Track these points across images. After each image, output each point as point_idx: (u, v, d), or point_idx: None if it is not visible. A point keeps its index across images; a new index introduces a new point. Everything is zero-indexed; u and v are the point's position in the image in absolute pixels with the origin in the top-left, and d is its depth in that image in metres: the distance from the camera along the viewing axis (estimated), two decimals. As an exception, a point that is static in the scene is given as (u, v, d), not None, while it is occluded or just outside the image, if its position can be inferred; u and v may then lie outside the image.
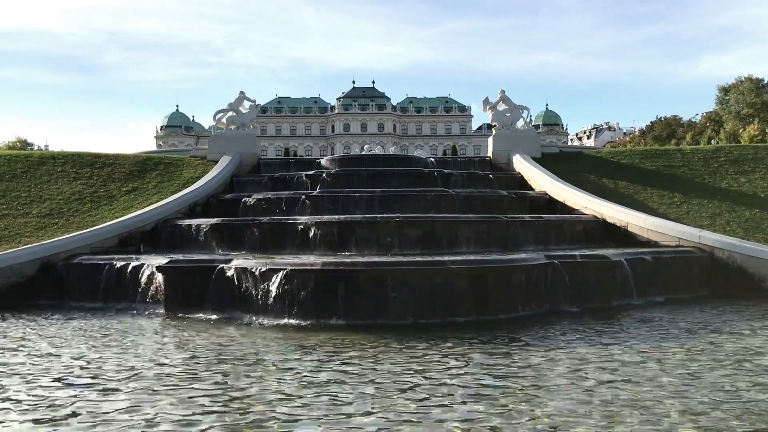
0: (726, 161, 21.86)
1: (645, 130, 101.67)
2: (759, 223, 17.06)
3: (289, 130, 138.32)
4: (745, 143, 53.47)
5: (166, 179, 21.37)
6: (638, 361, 8.04)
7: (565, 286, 12.50)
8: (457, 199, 17.84)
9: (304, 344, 9.30)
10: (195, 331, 10.52)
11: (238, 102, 24.92)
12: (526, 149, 23.70)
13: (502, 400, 6.47)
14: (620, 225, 16.97)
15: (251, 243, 15.49)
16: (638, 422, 5.76)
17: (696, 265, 14.69)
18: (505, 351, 8.74)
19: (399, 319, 10.97)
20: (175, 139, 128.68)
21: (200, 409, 6.25)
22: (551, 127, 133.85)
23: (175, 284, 12.49)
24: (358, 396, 6.64)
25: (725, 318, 11.42)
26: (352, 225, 15.05)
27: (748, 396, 6.56)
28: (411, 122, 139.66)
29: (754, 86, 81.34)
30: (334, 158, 24.68)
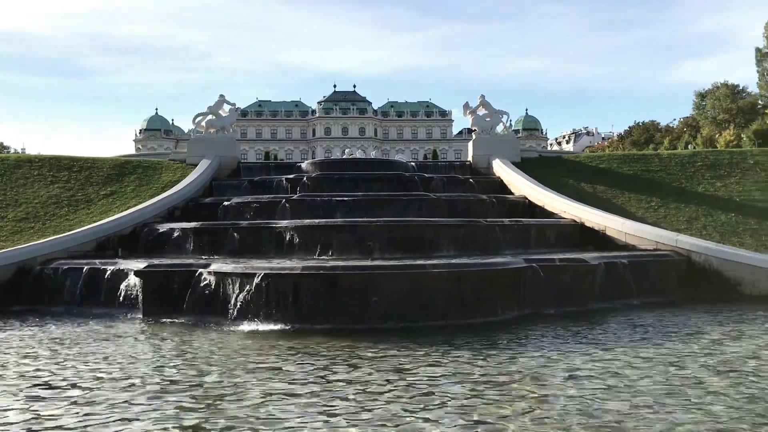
0: (702, 166, 22.15)
1: (623, 135, 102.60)
2: (734, 227, 17.29)
3: (269, 133, 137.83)
4: (721, 148, 54.15)
5: (144, 183, 21.20)
6: (617, 364, 8.11)
7: (544, 290, 12.57)
8: (437, 203, 17.89)
9: (281, 349, 9.24)
10: (172, 337, 10.44)
11: (218, 105, 24.81)
12: (506, 154, 23.82)
13: (481, 403, 6.48)
14: (598, 229, 17.11)
15: (230, 247, 15.40)
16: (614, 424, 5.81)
17: (673, 268, 14.84)
18: (484, 355, 8.75)
19: (380, 323, 10.96)
20: (155, 142, 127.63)
21: (173, 414, 6.19)
22: (531, 132, 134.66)
23: (153, 289, 12.38)
24: (336, 401, 6.61)
25: (701, 321, 11.55)
26: (333, 229, 15.03)
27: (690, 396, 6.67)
28: (392, 126, 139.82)
29: (729, 92, 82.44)
30: (314, 162, 24.66)
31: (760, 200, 19.20)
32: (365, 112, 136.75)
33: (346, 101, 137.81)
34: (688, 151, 31.43)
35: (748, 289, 14.55)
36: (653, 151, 46.05)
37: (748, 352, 8.88)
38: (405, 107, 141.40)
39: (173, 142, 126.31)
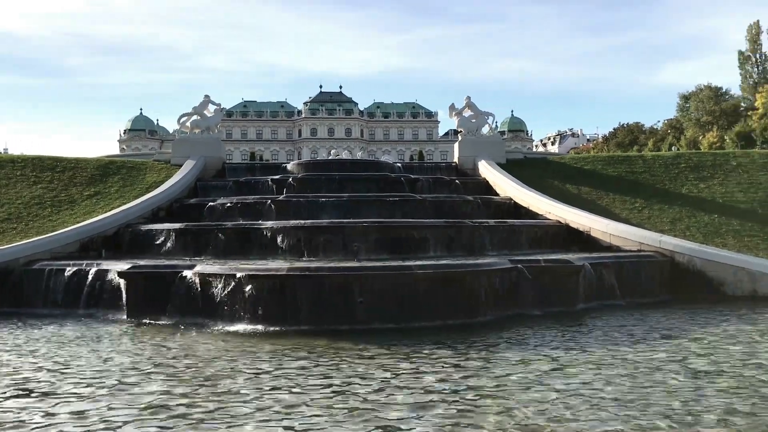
0: (686, 167, 22.31)
1: (608, 136, 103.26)
2: (717, 228, 17.44)
3: (255, 134, 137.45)
4: (705, 150, 54.63)
5: (128, 183, 21.04)
6: (601, 365, 8.15)
7: (529, 290, 12.61)
8: (423, 204, 17.90)
9: (265, 351, 9.20)
10: (154, 338, 10.35)
11: (203, 105, 24.67)
12: (492, 155, 23.88)
13: (465, 404, 6.49)
14: (583, 230, 17.20)
15: (215, 248, 15.31)
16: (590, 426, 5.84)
17: (657, 269, 14.94)
18: (469, 355, 8.78)
19: (366, 324, 10.95)
20: (139, 142, 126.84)
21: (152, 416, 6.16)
22: (516, 134, 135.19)
23: (137, 290, 12.29)
24: (315, 403, 6.59)
25: (680, 322, 11.63)
26: (319, 230, 14.99)
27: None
28: (378, 127, 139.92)
29: (713, 94, 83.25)
30: (300, 163, 24.59)
31: (743, 201, 19.39)
32: (351, 113, 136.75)
33: (332, 102, 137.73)
34: (672, 152, 31.69)
35: (731, 289, 14.68)
36: (637, 152, 46.38)
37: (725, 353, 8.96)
38: (391, 108, 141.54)
39: (158, 142, 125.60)
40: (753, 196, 19.66)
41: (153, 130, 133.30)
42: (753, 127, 68.86)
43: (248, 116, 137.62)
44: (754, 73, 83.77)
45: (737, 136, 67.67)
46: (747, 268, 14.71)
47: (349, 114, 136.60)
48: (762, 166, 21.91)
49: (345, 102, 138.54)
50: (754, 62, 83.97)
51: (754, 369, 7.93)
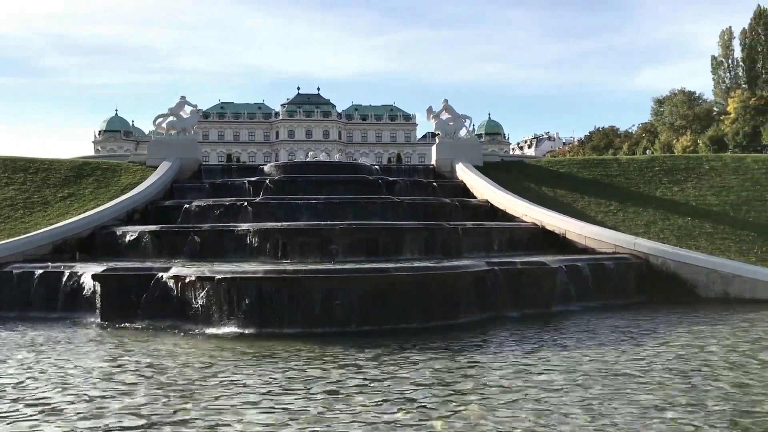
0: (660, 171, 22.58)
1: (584, 140, 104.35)
2: (691, 230, 17.66)
3: (232, 135, 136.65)
4: (678, 153, 55.41)
5: (103, 185, 20.80)
6: (574, 367, 8.22)
7: (506, 293, 12.68)
8: (401, 206, 17.92)
9: (240, 354, 9.13)
10: (130, 341, 10.25)
11: (179, 107, 24.46)
12: (469, 158, 23.98)
13: (438, 406, 6.50)
14: (559, 232, 17.33)
15: (191, 250, 15.18)
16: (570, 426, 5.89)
17: (632, 271, 15.10)
18: (445, 357, 8.79)
19: (343, 326, 10.93)
20: (114, 144, 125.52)
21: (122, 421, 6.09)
22: (493, 137, 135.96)
23: (112, 293, 12.14)
24: (289, 406, 6.56)
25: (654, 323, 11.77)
26: (296, 232, 14.94)
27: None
28: (356, 129, 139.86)
29: (686, 99, 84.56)
30: (277, 164, 24.47)
31: (715, 204, 19.67)
32: (329, 115, 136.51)
33: (310, 104, 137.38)
34: (646, 156, 32.08)
35: (703, 291, 14.89)
36: (612, 156, 46.89)
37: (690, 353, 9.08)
38: (369, 110, 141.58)
39: (133, 143, 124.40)
40: (725, 199, 19.96)
41: (128, 131, 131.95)
42: (725, 132, 70.02)
43: (225, 118, 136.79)
44: (727, 78, 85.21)
45: (710, 140, 68.76)
46: (719, 270, 14.93)
47: (326, 116, 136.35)
48: (734, 169, 22.26)
49: (323, 104, 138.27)
50: (726, 67, 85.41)
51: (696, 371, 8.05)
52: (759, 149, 59.64)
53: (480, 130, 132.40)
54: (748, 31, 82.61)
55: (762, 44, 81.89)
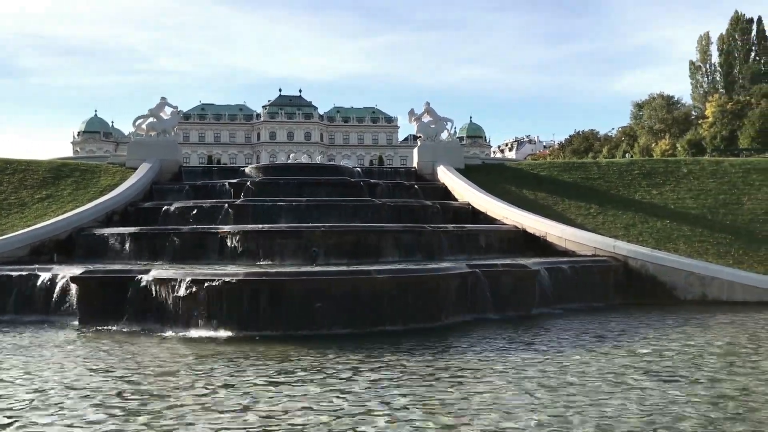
0: (639, 174, 22.79)
1: (564, 143, 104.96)
2: (669, 233, 17.84)
3: (213, 137, 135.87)
4: (657, 157, 55.98)
5: (82, 186, 20.59)
6: (552, 370, 8.28)
7: (487, 295, 12.73)
8: (383, 208, 17.93)
9: (219, 357, 9.05)
10: (107, 345, 10.13)
11: (159, 108, 24.28)
12: (450, 160, 24.06)
13: (420, 408, 6.51)
14: (539, 235, 17.43)
15: (171, 253, 15.07)
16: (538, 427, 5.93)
17: (611, 273, 15.22)
18: (426, 359, 8.81)
19: (324, 329, 10.90)
20: (94, 145, 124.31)
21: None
22: (475, 140, 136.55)
23: (90, 295, 12.02)
24: (266, 409, 6.53)
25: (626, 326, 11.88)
26: (277, 234, 14.89)
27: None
28: (338, 132, 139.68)
29: (665, 103, 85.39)
30: (259, 166, 24.38)
31: (693, 207, 19.89)
32: (311, 117, 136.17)
33: (291, 105, 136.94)
34: (626, 159, 32.33)
35: (682, 293, 15.06)
36: (592, 159, 47.22)
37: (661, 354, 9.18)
38: (351, 113, 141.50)
39: (113, 144, 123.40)
40: (703, 203, 20.20)
41: (108, 132, 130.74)
42: (703, 136, 70.84)
43: (206, 119, 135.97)
44: (705, 82, 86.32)
45: (688, 143, 69.56)
46: (697, 273, 15.11)
47: (308, 118, 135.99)
48: (711, 173, 22.53)
49: (305, 106, 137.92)
50: (704, 72, 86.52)
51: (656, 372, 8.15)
52: (736, 153, 60.43)
53: (461, 132, 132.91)
54: (726, 37, 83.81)
55: (739, 50, 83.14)
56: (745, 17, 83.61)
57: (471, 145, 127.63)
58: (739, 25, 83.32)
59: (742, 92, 77.14)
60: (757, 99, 70.16)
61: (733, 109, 70.88)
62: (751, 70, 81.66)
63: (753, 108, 68.61)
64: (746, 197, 20.43)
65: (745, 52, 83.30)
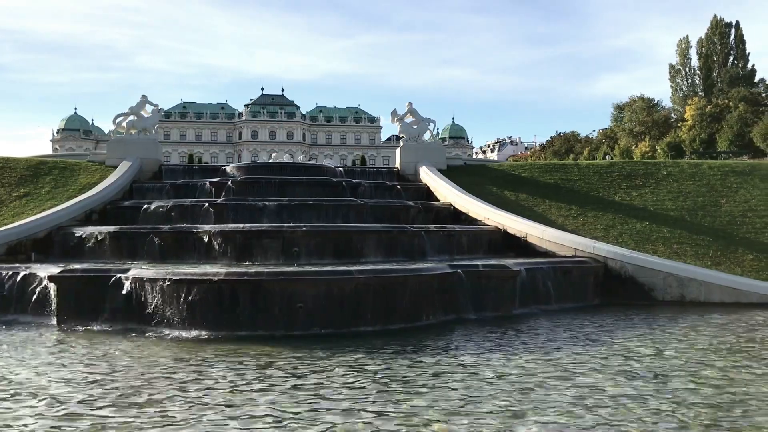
0: (619, 176, 22.98)
1: (545, 144, 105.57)
2: (649, 234, 18.01)
3: (194, 136, 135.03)
4: (637, 159, 56.45)
5: (60, 185, 20.37)
6: (532, 369, 8.33)
7: (468, 295, 12.76)
8: (365, 208, 17.91)
9: (198, 358, 8.99)
10: (82, 345, 10.01)
11: (140, 106, 24.10)
12: (433, 161, 24.11)
13: (399, 407, 6.52)
14: (520, 236, 17.51)
15: (151, 252, 14.96)
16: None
17: (591, 274, 15.33)
18: (406, 359, 8.81)
19: (305, 329, 10.87)
20: (73, 143, 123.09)
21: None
22: (457, 140, 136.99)
23: (68, 295, 11.89)
24: (243, 411, 6.50)
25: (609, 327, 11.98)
26: (258, 234, 14.81)
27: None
28: (321, 131, 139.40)
29: (645, 105, 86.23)
30: (240, 165, 24.25)
31: (672, 209, 20.09)
32: (293, 116, 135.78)
33: (274, 105, 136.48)
34: (606, 161, 32.57)
35: (660, 294, 15.20)
36: (573, 161, 47.54)
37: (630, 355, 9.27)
38: (334, 112, 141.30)
39: (93, 142, 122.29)
40: (682, 204, 20.41)
41: (88, 130, 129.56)
42: (683, 138, 71.62)
43: (187, 117, 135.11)
44: (684, 85, 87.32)
45: (668, 146, 70.26)
46: (675, 274, 15.26)
47: (291, 117, 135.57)
48: (690, 175, 22.77)
49: (287, 105, 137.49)
50: (683, 75, 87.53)
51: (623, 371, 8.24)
52: (714, 156, 61.18)
53: (444, 133, 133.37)
54: (705, 41, 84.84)
55: (717, 53, 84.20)
56: (724, 21, 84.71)
57: (453, 146, 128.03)
58: (718, 29, 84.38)
59: (720, 95, 78.09)
60: (735, 102, 71.11)
61: (711, 112, 71.76)
62: (730, 73, 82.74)
63: (731, 111, 69.51)
64: (724, 199, 20.68)
65: (724, 56, 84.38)
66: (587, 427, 6.02)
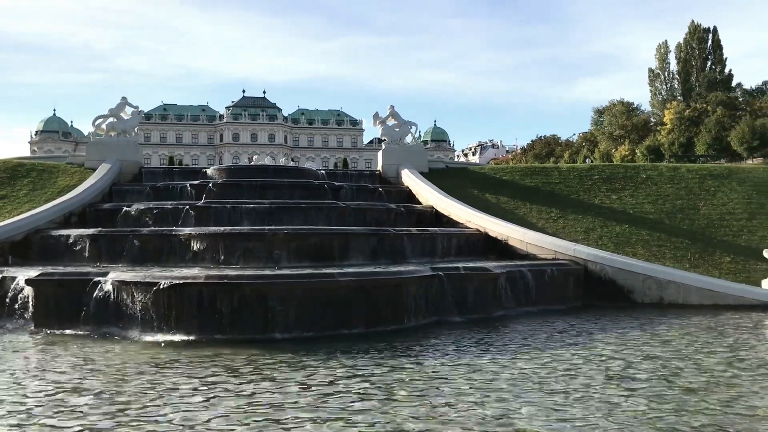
0: (599, 179, 23.16)
1: (526, 148, 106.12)
2: (628, 237, 18.18)
3: (174, 138, 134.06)
4: (617, 162, 56.95)
5: (39, 187, 20.15)
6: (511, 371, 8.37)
7: (450, 298, 12.79)
8: (347, 211, 17.91)
9: (176, 362, 8.93)
10: (60, 349, 9.91)
11: (120, 108, 23.90)
12: (415, 164, 24.15)
13: (381, 410, 6.52)
14: (501, 238, 17.59)
15: (131, 255, 14.82)
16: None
17: (571, 277, 15.43)
18: (388, 362, 8.81)
19: (286, 332, 10.84)
20: (52, 144, 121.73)
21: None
22: (439, 143, 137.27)
23: (46, 298, 11.75)
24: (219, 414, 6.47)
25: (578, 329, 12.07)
26: (239, 237, 14.74)
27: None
28: (303, 134, 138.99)
29: (625, 109, 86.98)
30: (221, 168, 24.14)
31: (651, 212, 20.29)
32: (275, 119, 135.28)
33: (255, 107, 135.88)
34: (586, 164, 32.84)
35: (639, 296, 15.33)
36: (554, 164, 47.87)
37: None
38: (316, 115, 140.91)
39: (72, 144, 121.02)
40: (661, 207, 20.62)
41: (67, 132, 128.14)
42: (662, 142, 72.30)
43: (168, 119, 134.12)
44: (663, 90, 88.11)
45: (647, 149, 70.90)
46: (654, 277, 15.41)
47: (272, 120, 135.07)
48: (669, 179, 23.01)
49: (268, 107, 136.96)
50: (663, 80, 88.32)
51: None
52: (693, 159, 61.89)
53: (426, 136, 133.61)
54: (683, 45, 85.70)
55: (696, 58, 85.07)
56: (701, 27, 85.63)
57: (435, 149, 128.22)
58: (696, 34, 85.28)
59: (699, 100, 78.94)
60: (713, 107, 71.93)
61: (690, 116, 72.50)
62: (708, 78, 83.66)
63: (709, 115, 70.31)
64: (702, 202, 20.93)
65: (702, 61, 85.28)
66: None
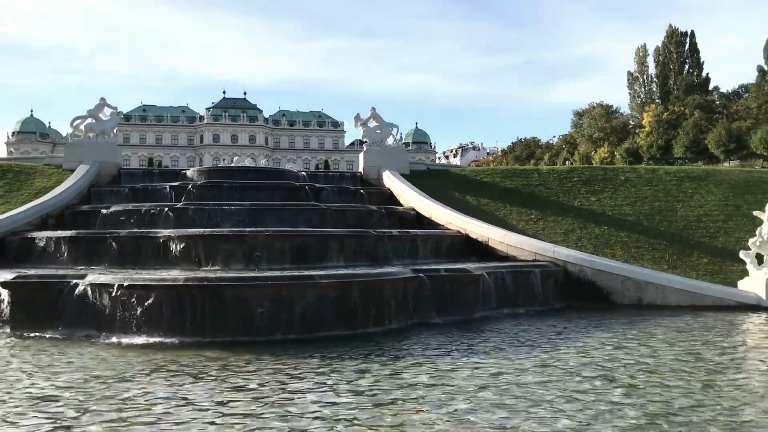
0: (579, 181, 23.32)
1: (507, 150, 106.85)
2: (607, 239, 18.33)
3: (154, 139, 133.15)
4: (596, 164, 57.46)
5: (15, 188, 19.89)
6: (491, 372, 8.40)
7: (431, 299, 12.81)
8: (328, 213, 17.88)
9: (153, 364, 8.83)
10: (36, 352, 9.75)
11: (98, 108, 23.66)
12: (396, 166, 24.17)
13: (361, 414, 6.51)
14: (482, 240, 17.65)
15: (109, 257, 14.66)
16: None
17: (551, 278, 15.51)
18: (367, 364, 8.81)
19: (267, 335, 10.78)
20: (29, 146, 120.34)
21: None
22: (420, 145, 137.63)
23: (23, 301, 11.58)
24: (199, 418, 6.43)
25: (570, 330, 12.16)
26: (219, 239, 14.65)
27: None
28: (284, 135, 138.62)
29: (604, 112, 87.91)
30: (201, 169, 23.99)
31: (630, 214, 20.47)
32: (256, 120, 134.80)
33: (236, 108, 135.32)
34: (566, 167, 33.04)
35: (618, 298, 15.45)
36: (534, 166, 48.17)
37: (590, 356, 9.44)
38: (297, 116, 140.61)
39: (50, 146, 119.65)
40: (639, 209, 20.81)
41: (44, 133, 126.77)
42: (640, 144, 73.14)
43: (147, 121, 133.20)
44: (642, 93, 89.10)
45: (626, 152, 71.69)
46: (633, 278, 15.53)
47: (253, 121, 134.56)
48: (647, 180, 23.23)
49: (249, 109, 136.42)
50: (641, 83, 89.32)
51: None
52: (671, 161, 62.64)
53: (407, 138, 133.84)
54: (662, 49, 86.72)
55: (674, 62, 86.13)
56: (679, 31, 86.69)
57: (416, 151, 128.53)
58: (674, 38, 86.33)
59: (677, 103, 79.90)
60: (691, 110, 72.85)
61: (668, 119, 73.39)
62: (685, 81, 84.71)
63: (687, 118, 71.19)
64: (680, 204, 21.15)
65: (680, 64, 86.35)
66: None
